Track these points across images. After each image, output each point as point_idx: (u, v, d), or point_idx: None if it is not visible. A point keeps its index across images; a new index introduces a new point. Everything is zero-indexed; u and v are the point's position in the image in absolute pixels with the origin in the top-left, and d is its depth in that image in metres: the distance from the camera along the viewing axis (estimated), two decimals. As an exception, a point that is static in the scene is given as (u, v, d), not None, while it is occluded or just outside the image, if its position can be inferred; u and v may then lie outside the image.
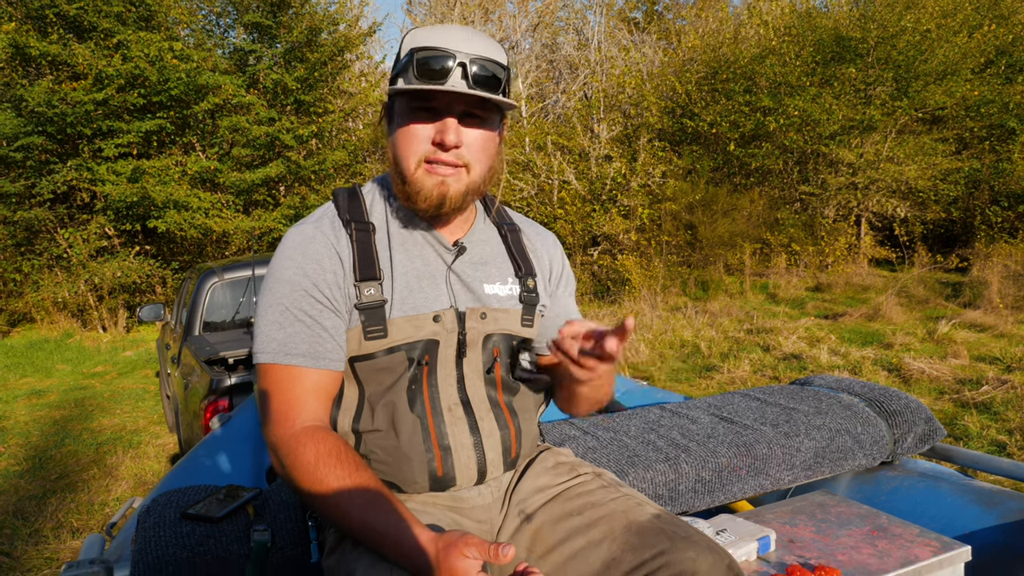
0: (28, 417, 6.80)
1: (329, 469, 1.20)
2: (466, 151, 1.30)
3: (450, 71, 1.25)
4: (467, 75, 1.25)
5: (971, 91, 12.60)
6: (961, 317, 8.49)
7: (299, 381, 1.29)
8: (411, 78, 1.26)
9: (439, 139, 1.28)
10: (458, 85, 1.25)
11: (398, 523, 1.16)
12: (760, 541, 1.64)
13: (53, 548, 3.88)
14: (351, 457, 1.23)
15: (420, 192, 1.31)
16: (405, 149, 1.30)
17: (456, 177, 1.31)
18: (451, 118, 1.28)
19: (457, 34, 1.28)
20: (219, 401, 3.63)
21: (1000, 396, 5.49)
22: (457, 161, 1.30)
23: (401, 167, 1.31)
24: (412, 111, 1.29)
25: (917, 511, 1.92)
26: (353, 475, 1.20)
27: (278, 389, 1.29)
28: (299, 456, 1.22)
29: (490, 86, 1.28)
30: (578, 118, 14.76)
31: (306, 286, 1.30)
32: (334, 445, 1.23)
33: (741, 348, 7.92)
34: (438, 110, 1.28)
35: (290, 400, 1.28)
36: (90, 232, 12.27)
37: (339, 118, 14.25)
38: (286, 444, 1.24)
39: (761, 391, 2.42)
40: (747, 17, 16.37)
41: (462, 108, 1.28)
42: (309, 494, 1.22)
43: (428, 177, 1.30)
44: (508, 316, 1.43)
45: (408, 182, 1.31)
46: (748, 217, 13.11)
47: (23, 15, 11.81)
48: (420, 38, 1.28)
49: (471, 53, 1.26)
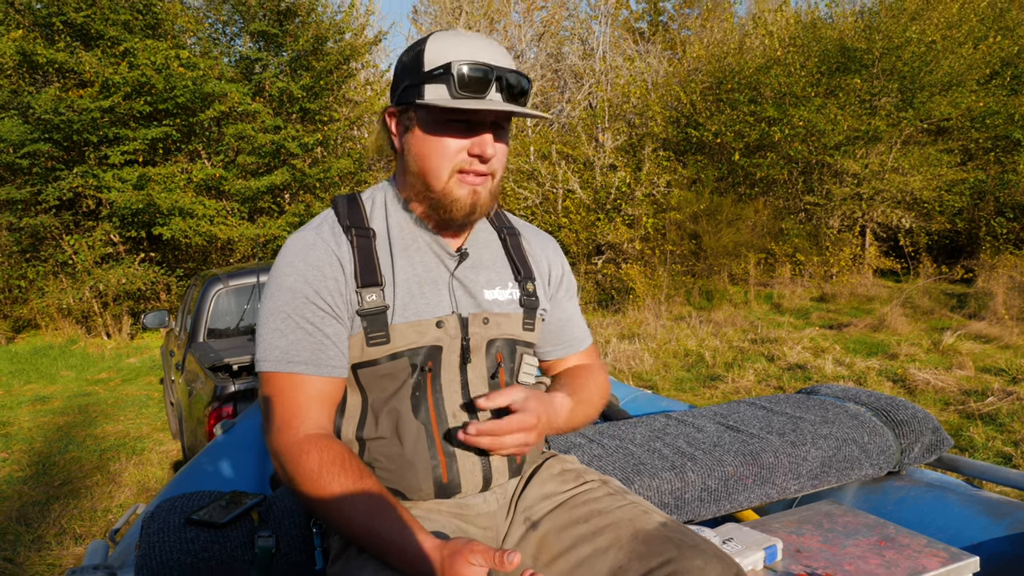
0: (32, 423, 6.80)
1: (333, 476, 1.19)
2: (495, 160, 1.33)
3: (490, 85, 1.26)
4: (501, 89, 1.28)
5: (976, 102, 12.60)
6: (966, 328, 8.47)
7: (302, 389, 1.28)
8: (453, 91, 1.26)
9: (478, 151, 1.29)
10: (495, 99, 1.27)
11: (402, 530, 1.15)
12: (767, 550, 1.63)
13: (56, 554, 3.87)
14: (355, 464, 1.23)
15: (455, 201, 1.32)
16: (437, 160, 1.31)
17: (484, 185, 1.34)
18: (488, 133, 1.30)
19: (487, 46, 1.30)
20: (223, 408, 3.62)
21: (1006, 407, 5.46)
22: (488, 171, 1.32)
23: (430, 177, 1.32)
24: (446, 122, 1.30)
25: (924, 521, 1.91)
26: (357, 482, 1.20)
27: (281, 397, 1.29)
28: (302, 464, 1.22)
29: (522, 98, 1.31)
30: (583, 127, 14.77)
31: (307, 293, 1.30)
32: (338, 452, 1.23)
33: (745, 358, 7.90)
34: (474, 123, 1.29)
35: (293, 408, 1.28)
36: (95, 239, 12.30)
37: (344, 126, 14.28)
38: (289, 452, 1.24)
39: (767, 400, 2.40)
40: (752, 28, 16.39)
41: (493, 119, 1.30)
42: (313, 501, 1.21)
43: (460, 187, 1.31)
44: (510, 320, 1.43)
45: (438, 191, 1.32)
46: (753, 227, 13.10)
47: (30, 23, 11.88)
48: (451, 49, 1.28)
49: (503, 66, 1.28)
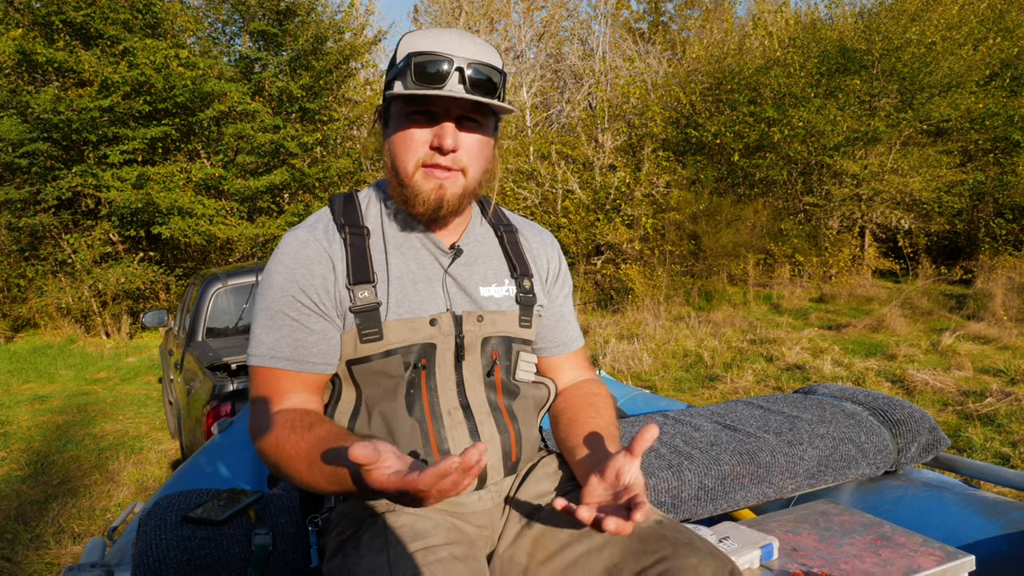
0: (31, 422, 6.80)
1: (286, 439, 1.21)
2: (463, 155, 1.31)
3: (448, 75, 1.25)
4: (464, 79, 1.26)
5: (976, 103, 12.61)
6: (965, 329, 8.47)
7: (283, 384, 1.31)
8: (409, 83, 1.26)
9: (437, 143, 1.28)
10: (455, 90, 1.25)
11: (339, 454, 1.13)
12: (763, 549, 1.63)
13: (54, 553, 3.87)
14: (306, 420, 1.23)
15: (418, 195, 1.31)
16: (403, 153, 1.31)
17: (453, 180, 1.32)
18: (449, 122, 1.28)
19: (453, 38, 1.29)
20: (221, 407, 3.62)
21: (1004, 408, 5.47)
22: (454, 165, 1.31)
23: (399, 171, 1.32)
24: (409, 115, 1.30)
25: (921, 521, 1.91)
26: (305, 434, 1.20)
27: (262, 391, 1.32)
28: (266, 442, 1.25)
29: (486, 90, 1.28)
30: (582, 128, 14.79)
31: (294, 291, 1.32)
32: (290, 417, 1.25)
33: (744, 358, 7.90)
34: (435, 114, 1.29)
35: (272, 402, 1.31)
36: (94, 238, 12.29)
37: (344, 126, 14.28)
38: (260, 437, 1.27)
39: (765, 399, 2.41)
40: (752, 28, 16.42)
41: (459, 112, 1.29)
42: (283, 473, 1.23)
43: (426, 181, 1.31)
44: (505, 318, 1.43)
45: (406, 185, 1.32)
46: (752, 227, 13.11)
47: (30, 22, 11.87)
48: (417, 42, 1.29)
49: (467, 57, 1.27)
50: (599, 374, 2.66)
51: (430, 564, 1.17)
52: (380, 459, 0.99)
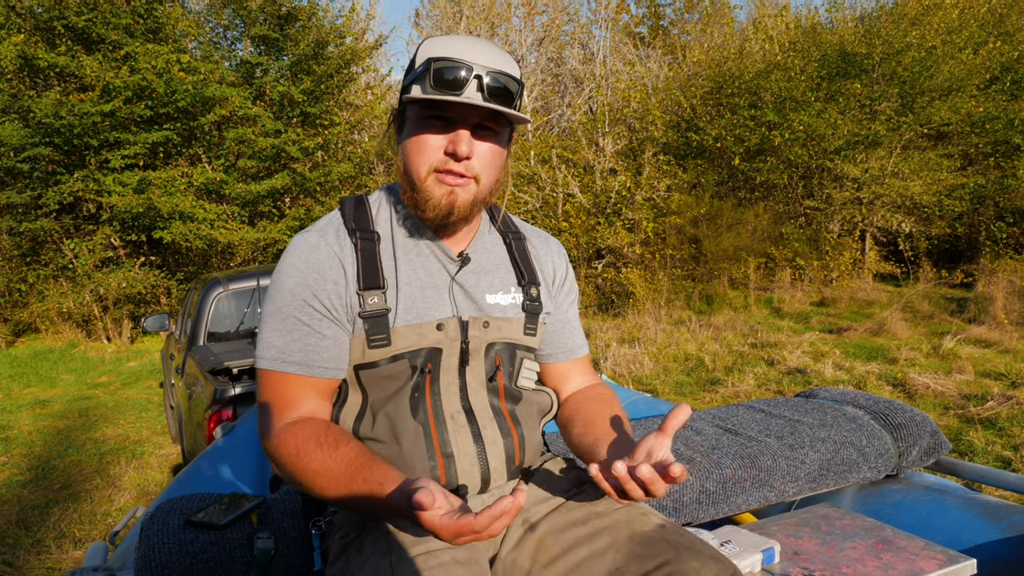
0: (32, 427, 6.80)
1: (309, 454, 1.22)
2: (476, 163, 1.31)
3: (466, 82, 1.25)
4: (482, 87, 1.26)
5: (976, 107, 12.61)
6: (966, 333, 8.47)
7: (293, 388, 1.31)
8: (427, 87, 1.26)
9: (452, 149, 1.28)
10: (474, 97, 1.25)
11: (377, 485, 1.15)
12: (764, 553, 1.63)
13: (55, 558, 3.87)
14: (330, 436, 1.24)
15: (429, 201, 1.31)
16: (417, 157, 1.31)
17: (465, 188, 1.31)
18: (464, 129, 1.28)
19: (474, 46, 1.29)
20: (223, 411, 3.63)
21: (1005, 412, 5.46)
22: (467, 172, 1.30)
23: (412, 174, 1.32)
24: (425, 120, 1.29)
25: (922, 524, 1.91)
26: (333, 453, 1.21)
27: (272, 394, 1.32)
28: (283, 451, 1.25)
29: (504, 99, 1.28)
30: (583, 131, 14.79)
31: (306, 296, 1.32)
32: (313, 430, 1.25)
33: (745, 362, 7.90)
34: (452, 120, 1.29)
35: (282, 405, 1.31)
36: (95, 243, 12.30)
37: (345, 130, 14.30)
38: (273, 443, 1.27)
39: (766, 403, 2.41)
40: (752, 32, 16.44)
41: (475, 120, 1.29)
42: (300, 484, 1.24)
43: (438, 186, 1.30)
44: (511, 325, 1.43)
45: (418, 190, 1.32)
46: (753, 231, 13.11)
47: (32, 27, 11.89)
48: (437, 48, 1.29)
49: (487, 66, 1.27)
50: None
51: (433, 568, 1.17)
52: (435, 502, 1.02)
